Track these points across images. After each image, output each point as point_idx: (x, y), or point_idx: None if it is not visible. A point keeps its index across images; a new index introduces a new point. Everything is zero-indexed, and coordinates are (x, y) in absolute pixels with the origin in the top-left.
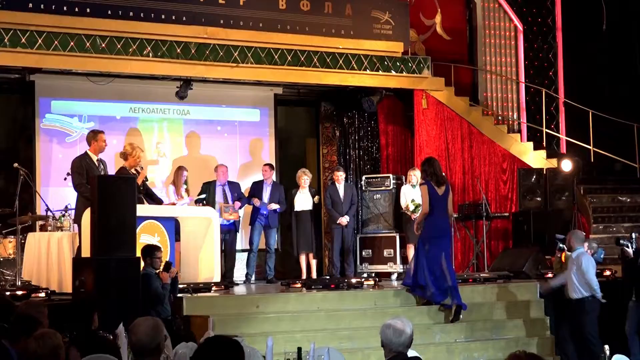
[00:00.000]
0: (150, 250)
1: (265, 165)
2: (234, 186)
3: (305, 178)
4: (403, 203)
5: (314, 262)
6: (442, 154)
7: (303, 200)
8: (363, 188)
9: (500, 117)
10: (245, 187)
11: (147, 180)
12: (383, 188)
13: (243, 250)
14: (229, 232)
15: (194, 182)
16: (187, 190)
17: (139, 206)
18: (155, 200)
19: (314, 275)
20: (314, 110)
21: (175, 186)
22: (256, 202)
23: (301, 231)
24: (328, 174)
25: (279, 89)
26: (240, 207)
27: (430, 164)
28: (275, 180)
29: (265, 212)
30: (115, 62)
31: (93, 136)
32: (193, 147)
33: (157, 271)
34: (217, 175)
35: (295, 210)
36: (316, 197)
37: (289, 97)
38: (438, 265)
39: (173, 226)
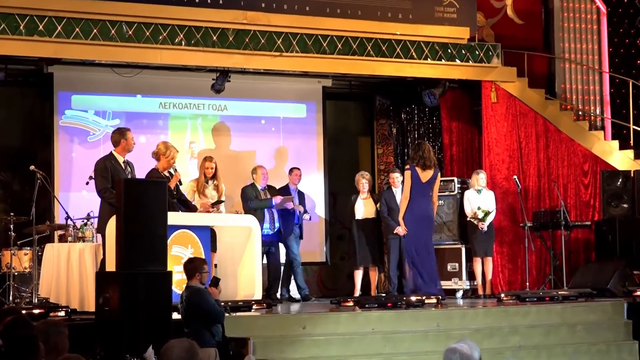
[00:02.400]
0: (200, 264)
1: (296, 169)
2: (302, 196)
3: (364, 182)
4: (468, 210)
5: (375, 278)
6: (514, 154)
7: (364, 207)
8: None
9: (580, 112)
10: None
11: (181, 184)
12: (446, 193)
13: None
14: (271, 243)
15: (231, 187)
16: (216, 187)
17: (169, 214)
18: (190, 208)
19: (374, 292)
20: (368, 105)
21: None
22: (299, 208)
23: (362, 242)
24: (384, 177)
25: (328, 81)
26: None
27: (420, 147)
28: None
29: (296, 222)
30: (143, 51)
31: (119, 135)
32: (230, 147)
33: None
34: (291, 179)
35: (356, 218)
36: (378, 204)
37: (339, 90)
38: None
39: (208, 237)
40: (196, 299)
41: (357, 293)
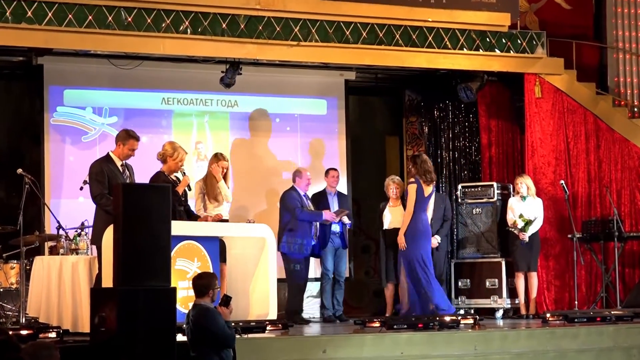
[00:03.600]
0: (212, 281)
1: (332, 170)
2: (343, 198)
3: (394, 187)
4: (510, 219)
5: (405, 295)
6: (561, 156)
7: (393, 216)
8: (459, 200)
9: (636, 109)
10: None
11: (190, 189)
12: (484, 200)
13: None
14: (299, 262)
15: (240, 192)
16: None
17: (173, 223)
18: (194, 217)
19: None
20: (396, 100)
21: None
22: (345, 219)
23: (390, 255)
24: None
25: (351, 74)
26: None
27: (422, 159)
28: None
29: (339, 230)
30: (144, 40)
31: (124, 137)
32: (242, 148)
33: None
34: (329, 182)
35: (384, 228)
36: None
37: (364, 83)
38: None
39: (217, 249)
40: (204, 320)
41: (389, 312)
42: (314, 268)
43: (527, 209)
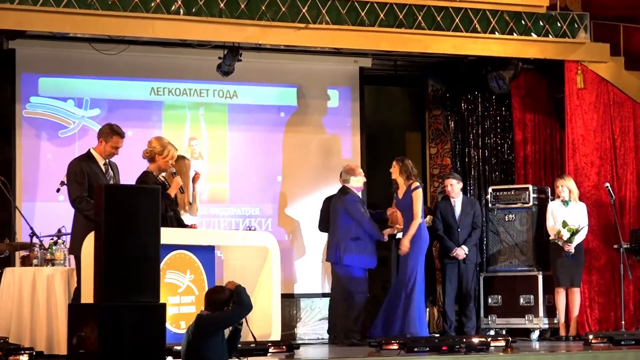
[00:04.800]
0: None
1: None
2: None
3: None
4: (550, 227)
5: (426, 314)
6: (606, 155)
7: None
8: (490, 205)
9: None
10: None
11: (182, 192)
12: (519, 205)
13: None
14: (365, 275)
15: (243, 196)
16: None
17: (163, 230)
18: (184, 226)
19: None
20: (418, 91)
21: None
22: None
23: None
24: (438, 184)
25: (367, 61)
26: None
27: (409, 162)
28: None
29: None
30: (130, 22)
31: (108, 133)
32: (241, 145)
33: None
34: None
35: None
36: (428, 218)
37: (381, 72)
38: None
39: (213, 260)
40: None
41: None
42: (323, 283)
43: (570, 215)
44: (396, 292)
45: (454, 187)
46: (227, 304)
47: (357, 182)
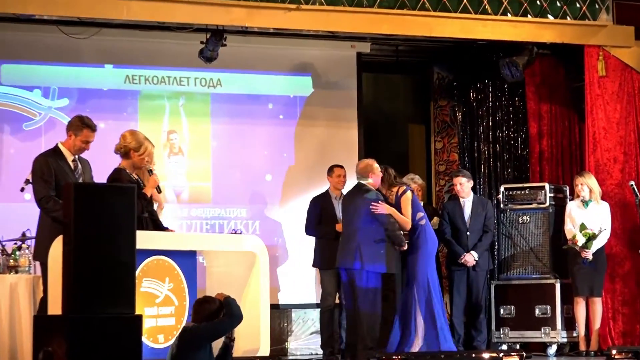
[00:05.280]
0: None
1: (338, 167)
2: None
3: (415, 191)
4: (568, 230)
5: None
6: (631, 150)
7: None
8: (501, 206)
9: None
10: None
11: (159, 191)
12: (534, 206)
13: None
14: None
15: (227, 196)
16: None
17: (139, 234)
18: (161, 229)
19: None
20: (422, 79)
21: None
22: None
23: None
24: (445, 182)
25: (365, 46)
26: None
27: (390, 169)
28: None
29: None
30: (102, 3)
31: (77, 126)
32: (225, 139)
33: None
34: (333, 183)
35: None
36: (435, 219)
37: (381, 58)
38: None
39: (194, 267)
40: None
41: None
42: (317, 292)
43: (590, 217)
44: (407, 304)
45: (464, 186)
46: (216, 315)
47: (377, 180)
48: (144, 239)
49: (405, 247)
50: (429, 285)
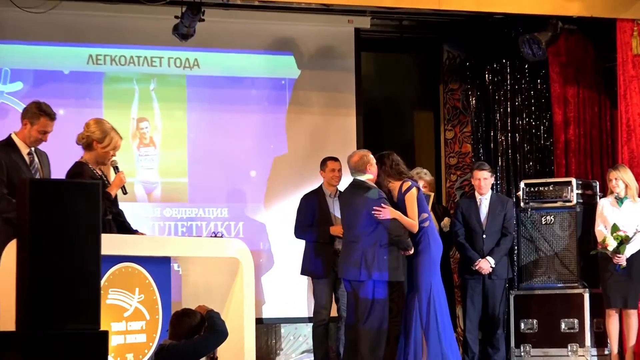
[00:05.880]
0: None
1: (332, 160)
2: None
3: (421, 184)
4: (598, 232)
5: None
6: None
7: None
8: (521, 205)
9: None
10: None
11: (125, 192)
12: (559, 204)
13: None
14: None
15: (206, 193)
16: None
17: (105, 237)
18: (130, 232)
19: None
20: (430, 59)
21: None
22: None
23: None
24: (456, 178)
25: (365, 21)
26: None
27: (394, 158)
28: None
29: None
30: None
31: (34, 114)
32: (203, 128)
33: None
34: (327, 178)
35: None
36: (446, 220)
37: (383, 35)
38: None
39: (168, 275)
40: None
41: None
42: (307, 303)
43: (624, 217)
44: (408, 317)
45: (487, 181)
46: (197, 331)
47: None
48: (111, 244)
49: (412, 252)
50: (432, 295)
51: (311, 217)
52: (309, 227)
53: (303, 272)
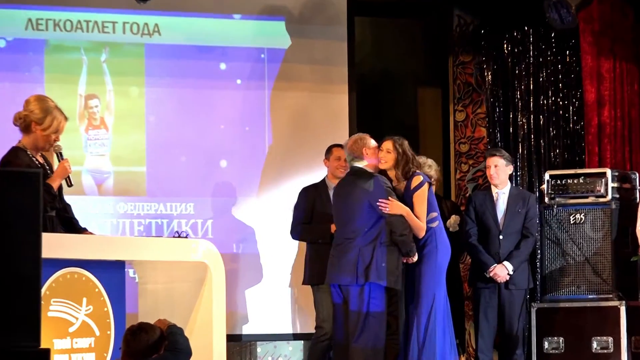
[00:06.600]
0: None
1: (337, 147)
2: None
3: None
4: None
5: None
6: None
7: None
8: (547, 200)
9: None
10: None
11: (70, 185)
12: (591, 200)
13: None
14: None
15: (169, 185)
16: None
17: (46, 237)
18: (77, 231)
19: None
20: (437, 27)
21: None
22: None
23: None
24: (468, 167)
25: None
26: None
27: (406, 143)
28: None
29: None
30: None
31: None
32: (165, 107)
33: None
34: (332, 168)
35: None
36: (454, 218)
37: None
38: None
39: (122, 283)
40: None
41: None
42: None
43: None
44: (407, 333)
45: (500, 170)
46: (155, 349)
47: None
48: (53, 245)
49: (416, 259)
50: (434, 308)
51: (310, 214)
52: (307, 226)
53: (304, 281)
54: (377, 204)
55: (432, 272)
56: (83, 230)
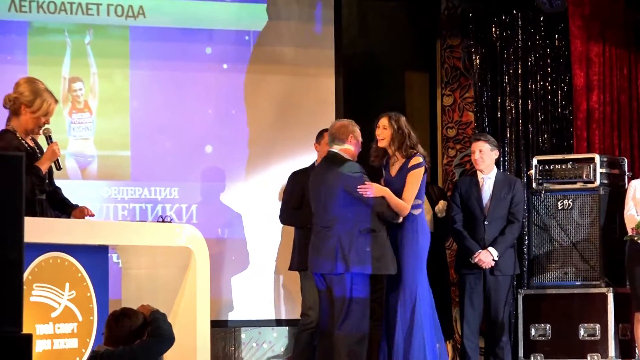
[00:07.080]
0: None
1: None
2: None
3: None
4: (629, 217)
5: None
6: None
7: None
8: (534, 185)
9: None
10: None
11: (59, 168)
12: (579, 186)
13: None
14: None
15: (154, 170)
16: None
17: (29, 221)
18: (71, 208)
19: None
20: (425, 10)
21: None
22: None
23: None
24: (456, 152)
25: None
26: None
27: (405, 121)
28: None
29: None
30: None
31: None
32: (150, 92)
33: None
34: (323, 153)
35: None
36: (442, 204)
37: None
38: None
39: (106, 268)
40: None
41: None
42: (277, 304)
43: None
44: (389, 319)
45: (485, 155)
46: (138, 335)
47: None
48: (35, 229)
49: (400, 220)
50: (418, 295)
51: (300, 199)
52: (296, 211)
53: (291, 267)
54: (357, 189)
55: (414, 259)
56: (77, 207)
